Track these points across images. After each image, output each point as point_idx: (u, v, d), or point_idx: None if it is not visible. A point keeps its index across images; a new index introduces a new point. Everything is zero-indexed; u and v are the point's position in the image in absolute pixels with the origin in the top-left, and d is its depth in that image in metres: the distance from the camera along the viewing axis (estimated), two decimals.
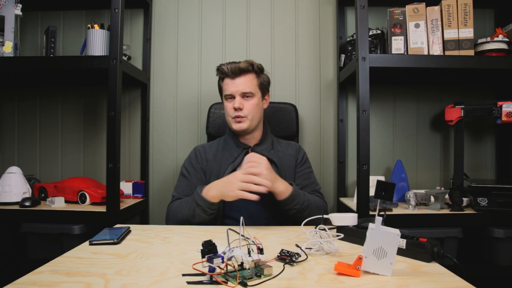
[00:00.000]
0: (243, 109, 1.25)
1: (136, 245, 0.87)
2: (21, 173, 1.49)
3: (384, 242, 0.65)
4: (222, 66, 1.28)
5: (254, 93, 1.28)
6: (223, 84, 1.31)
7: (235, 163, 1.26)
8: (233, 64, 1.26)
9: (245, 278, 0.62)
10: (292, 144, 1.40)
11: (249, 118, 1.27)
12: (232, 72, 1.26)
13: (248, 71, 1.27)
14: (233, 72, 1.26)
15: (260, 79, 1.31)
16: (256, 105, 1.29)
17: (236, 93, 1.26)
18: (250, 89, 1.27)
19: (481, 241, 1.43)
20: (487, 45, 1.43)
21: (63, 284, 0.62)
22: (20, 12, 1.46)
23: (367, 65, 1.33)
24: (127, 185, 1.69)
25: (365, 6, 1.33)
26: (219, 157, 1.30)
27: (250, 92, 1.27)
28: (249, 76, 1.27)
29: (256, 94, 1.29)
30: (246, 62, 1.28)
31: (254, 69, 1.28)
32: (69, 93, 1.84)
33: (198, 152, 1.34)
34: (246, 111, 1.26)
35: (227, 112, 1.29)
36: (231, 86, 1.27)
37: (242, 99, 1.26)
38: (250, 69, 1.27)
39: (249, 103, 1.27)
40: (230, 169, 1.24)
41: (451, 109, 1.53)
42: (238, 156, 1.28)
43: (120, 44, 1.37)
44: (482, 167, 1.80)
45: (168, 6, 1.83)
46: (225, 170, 1.24)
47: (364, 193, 1.31)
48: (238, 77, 1.26)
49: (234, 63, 1.27)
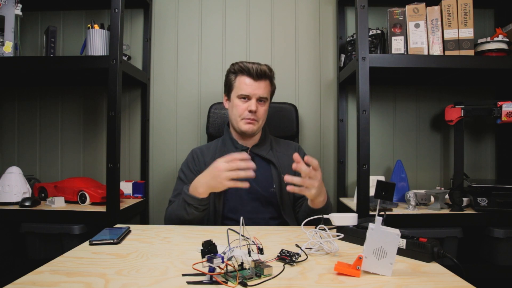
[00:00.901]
0: (257, 113, 1.24)
1: (136, 245, 0.87)
2: (21, 173, 1.49)
3: (384, 242, 0.65)
4: (245, 64, 1.24)
5: (268, 99, 1.29)
6: (238, 80, 1.26)
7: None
8: (257, 65, 1.23)
9: (245, 278, 0.62)
10: (291, 144, 1.40)
11: (259, 122, 1.27)
12: (257, 74, 1.23)
13: (268, 77, 1.26)
14: (258, 74, 1.23)
15: (272, 87, 1.31)
16: (267, 110, 1.30)
17: (254, 96, 1.23)
18: (267, 94, 1.26)
19: (481, 241, 1.43)
20: (487, 45, 1.43)
21: (63, 284, 0.62)
22: (20, 12, 1.46)
23: (367, 65, 1.33)
24: (127, 185, 1.69)
25: (365, 6, 1.33)
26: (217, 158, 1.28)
27: (266, 98, 1.26)
28: (267, 81, 1.27)
29: (268, 100, 1.30)
30: (267, 66, 1.26)
31: (271, 75, 1.28)
32: (69, 93, 1.84)
33: (195, 155, 1.33)
34: (259, 115, 1.25)
35: (239, 112, 1.25)
36: (252, 88, 1.23)
37: (257, 103, 1.25)
38: (270, 75, 1.27)
39: (263, 108, 1.26)
40: None
41: (451, 109, 1.53)
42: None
43: (120, 44, 1.37)
44: (482, 167, 1.80)
45: (168, 6, 1.83)
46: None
47: (364, 193, 1.31)
48: (260, 80, 1.24)
49: (257, 64, 1.24)
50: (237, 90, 1.25)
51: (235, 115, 1.27)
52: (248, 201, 1.23)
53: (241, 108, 1.24)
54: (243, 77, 1.24)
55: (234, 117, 1.28)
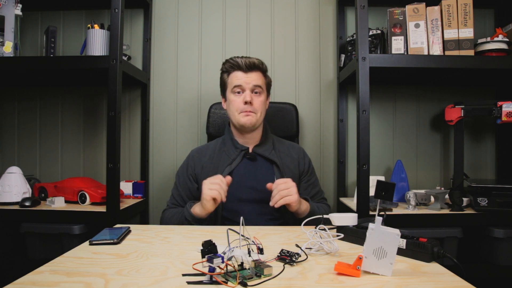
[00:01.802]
0: (253, 104, 1.23)
1: (136, 245, 0.87)
2: (21, 173, 1.49)
3: (384, 242, 0.65)
4: (234, 59, 1.26)
5: (263, 90, 1.28)
6: (230, 77, 1.27)
7: (232, 165, 1.24)
8: (246, 58, 1.25)
9: (245, 278, 0.62)
10: (295, 147, 1.38)
11: (258, 115, 1.25)
12: (246, 66, 1.24)
13: (259, 69, 1.27)
14: (247, 66, 1.24)
15: (267, 79, 1.31)
16: (264, 102, 1.29)
17: (247, 86, 1.24)
18: (261, 83, 1.26)
19: (481, 241, 1.43)
20: (487, 45, 1.43)
21: (63, 284, 0.62)
22: (20, 12, 1.46)
23: (367, 65, 1.33)
24: (127, 185, 1.69)
25: (365, 6, 1.33)
26: (216, 159, 1.28)
27: (260, 87, 1.26)
28: (259, 73, 1.27)
29: (264, 91, 1.28)
30: (257, 59, 1.27)
31: (263, 68, 1.29)
32: (69, 93, 1.84)
33: (191, 160, 1.32)
34: (256, 106, 1.24)
35: (235, 106, 1.25)
36: (243, 79, 1.24)
37: (252, 94, 1.24)
38: (261, 66, 1.27)
39: (259, 99, 1.25)
40: (227, 171, 1.22)
41: (451, 109, 1.53)
42: (236, 158, 1.26)
43: (120, 44, 1.37)
44: (482, 167, 1.80)
45: (168, 6, 1.83)
46: (221, 172, 1.21)
47: (364, 193, 1.31)
48: (251, 72, 1.25)
49: (246, 57, 1.26)
50: (230, 85, 1.26)
51: (232, 111, 1.26)
52: (248, 202, 1.23)
53: (237, 102, 1.24)
54: (234, 72, 1.26)
55: (232, 113, 1.27)
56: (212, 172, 1.22)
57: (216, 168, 1.25)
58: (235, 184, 1.16)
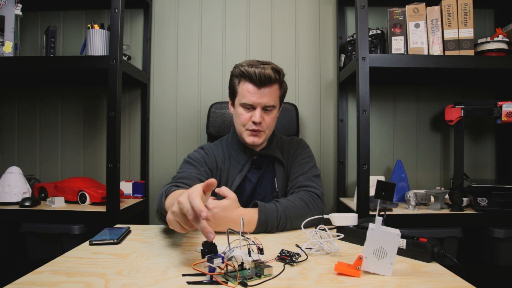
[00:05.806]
0: (262, 123, 1.13)
1: (136, 245, 0.87)
2: (21, 173, 1.49)
3: (384, 242, 0.65)
4: (247, 69, 1.09)
5: (276, 106, 1.15)
6: (241, 87, 1.13)
7: (242, 172, 1.19)
8: (261, 69, 1.08)
9: (245, 278, 0.62)
10: (294, 139, 1.32)
11: (266, 132, 1.16)
12: (260, 81, 1.09)
13: (275, 81, 1.12)
14: (261, 81, 1.09)
15: (282, 90, 1.18)
16: (275, 118, 1.18)
17: (258, 105, 1.11)
18: (273, 102, 1.13)
19: (481, 241, 1.43)
20: (487, 45, 1.43)
21: (63, 284, 0.61)
22: (20, 12, 1.46)
23: (367, 65, 1.33)
24: (127, 185, 1.69)
25: (365, 6, 1.33)
26: (227, 165, 1.21)
27: (272, 106, 1.13)
28: (274, 87, 1.13)
29: (276, 107, 1.16)
30: (273, 69, 1.11)
31: (280, 79, 1.14)
32: (69, 93, 1.84)
33: (208, 150, 1.22)
34: (265, 125, 1.14)
35: (241, 121, 1.14)
36: (255, 97, 1.10)
37: (262, 112, 1.13)
38: (277, 78, 1.12)
39: (269, 117, 1.14)
40: (238, 179, 1.18)
41: (451, 109, 1.53)
42: (245, 164, 1.20)
43: (120, 44, 1.37)
44: (482, 167, 1.80)
45: (168, 6, 1.83)
46: (233, 180, 1.17)
47: (364, 193, 1.31)
48: (264, 87, 1.10)
49: (261, 67, 1.09)
50: (240, 98, 1.13)
51: (239, 124, 1.17)
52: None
53: (245, 118, 1.13)
54: (245, 83, 1.11)
55: (238, 126, 1.18)
56: (224, 178, 1.19)
57: (227, 175, 1.20)
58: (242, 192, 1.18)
